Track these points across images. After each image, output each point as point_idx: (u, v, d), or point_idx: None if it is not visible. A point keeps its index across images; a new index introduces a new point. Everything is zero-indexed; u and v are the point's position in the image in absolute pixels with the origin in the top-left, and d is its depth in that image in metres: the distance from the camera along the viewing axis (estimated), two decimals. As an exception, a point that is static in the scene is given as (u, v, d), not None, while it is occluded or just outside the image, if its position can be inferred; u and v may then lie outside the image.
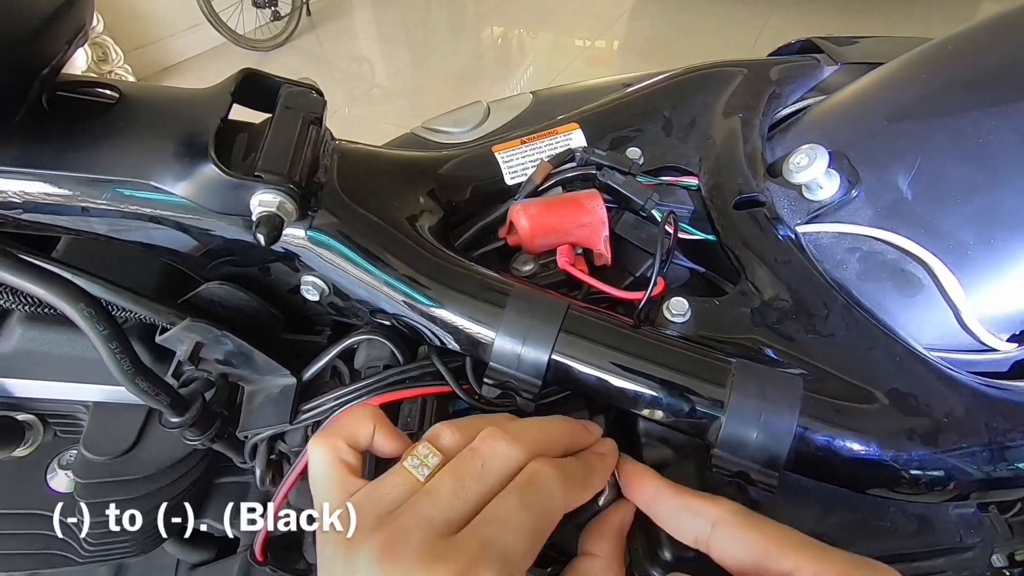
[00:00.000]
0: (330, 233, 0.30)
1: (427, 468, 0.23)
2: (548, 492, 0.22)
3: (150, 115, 0.28)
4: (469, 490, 0.22)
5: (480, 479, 0.22)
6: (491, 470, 0.22)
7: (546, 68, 2.65)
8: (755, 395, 0.25)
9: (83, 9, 0.28)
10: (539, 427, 0.25)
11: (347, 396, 0.33)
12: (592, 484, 0.25)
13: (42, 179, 0.26)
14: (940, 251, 0.31)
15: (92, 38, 2.04)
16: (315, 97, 0.31)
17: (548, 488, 0.22)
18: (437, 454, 0.23)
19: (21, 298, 0.33)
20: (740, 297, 0.31)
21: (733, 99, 0.40)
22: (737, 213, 0.34)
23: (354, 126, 2.28)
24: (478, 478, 0.22)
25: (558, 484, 0.23)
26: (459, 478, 0.22)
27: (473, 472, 0.22)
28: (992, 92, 0.32)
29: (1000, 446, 0.27)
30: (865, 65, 0.44)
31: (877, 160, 0.34)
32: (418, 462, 0.23)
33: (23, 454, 0.44)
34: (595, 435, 0.27)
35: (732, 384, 0.26)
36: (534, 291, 0.29)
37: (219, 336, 0.33)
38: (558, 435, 0.26)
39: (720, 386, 0.26)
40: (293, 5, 2.85)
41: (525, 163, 0.37)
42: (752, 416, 0.25)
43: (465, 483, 0.22)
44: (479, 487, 0.22)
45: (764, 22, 2.70)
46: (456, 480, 0.22)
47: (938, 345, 0.32)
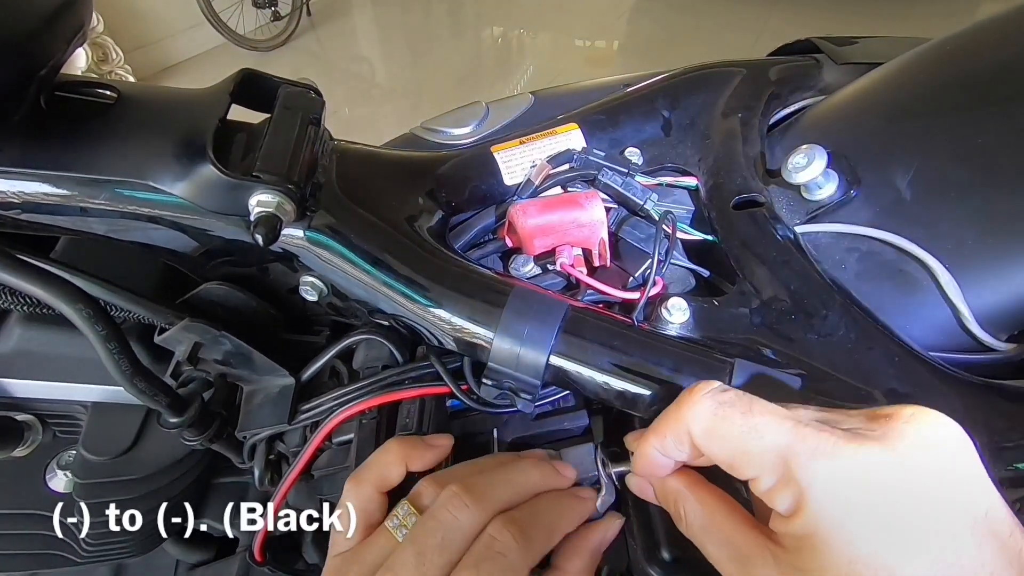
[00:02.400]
0: (329, 233, 0.30)
1: (405, 528, 0.24)
2: (507, 560, 0.22)
3: (149, 115, 0.28)
4: (431, 563, 0.22)
5: (441, 551, 0.23)
6: (452, 540, 0.23)
7: (546, 68, 2.65)
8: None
9: (83, 9, 0.27)
10: (505, 479, 0.26)
11: (346, 396, 0.33)
12: (560, 528, 0.25)
13: (40, 179, 0.26)
14: (939, 251, 0.31)
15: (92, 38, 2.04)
16: (314, 97, 0.31)
17: (508, 555, 0.23)
18: (415, 514, 0.24)
19: (20, 298, 0.33)
20: (739, 297, 0.31)
21: (732, 99, 0.40)
22: (736, 213, 0.34)
23: (354, 126, 2.28)
24: (439, 551, 0.23)
25: (518, 549, 0.23)
26: (420, 552, 0.23)
27: (433, 545, 0.23)
28: (991, 92, 0.32)
29: (999, 446, 0.27)
30: (864, 65, 0.43)
31: (876, 160, 0.34)
32: (397, 522, 0.24)
33: (22, 454, 0.44)
34: (568, 478, 0.28)
35: (731, 384, 0.26)
36: (533, 291, 0.29)
37: (217, 336, 0.33)
38: (526, 484, 0.26)
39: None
40: (293, 5, 2.85)
41: (524, 163, 0.37)
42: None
43: (426, 557, 0.22)
44: (440, 560, 0.22)
45: (764, 22, 2.70)
46: (417, 555, 0.23)
47: (937, 345, 0.32)
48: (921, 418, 0.19)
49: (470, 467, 0.27)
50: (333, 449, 0.36)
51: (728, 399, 0.21)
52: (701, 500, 0.22)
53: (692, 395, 0.21)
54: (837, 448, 0.18)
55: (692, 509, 0.23)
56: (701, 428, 0.21)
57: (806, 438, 0.19)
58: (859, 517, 0.18)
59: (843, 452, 0.18)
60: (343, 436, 0.35)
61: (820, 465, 0.18)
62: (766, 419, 0.20)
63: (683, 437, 0.21)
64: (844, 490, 0.18)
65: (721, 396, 0.21)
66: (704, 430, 0.21)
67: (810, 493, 0.18)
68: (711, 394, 0.21)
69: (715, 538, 0.21)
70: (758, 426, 0.20)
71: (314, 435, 0.33)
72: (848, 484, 0.18)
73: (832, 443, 0.18)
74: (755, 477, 0.20)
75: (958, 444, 0.19)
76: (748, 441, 0.20)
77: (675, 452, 0.23)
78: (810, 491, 0.18)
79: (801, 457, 0.18)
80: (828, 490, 0.18)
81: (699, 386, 0.22)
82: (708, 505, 0.22)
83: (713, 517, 0.22)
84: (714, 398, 0.21)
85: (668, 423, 0.22)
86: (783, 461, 0.19)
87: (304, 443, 0.35)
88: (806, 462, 0.18)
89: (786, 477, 0.19)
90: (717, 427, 0.20)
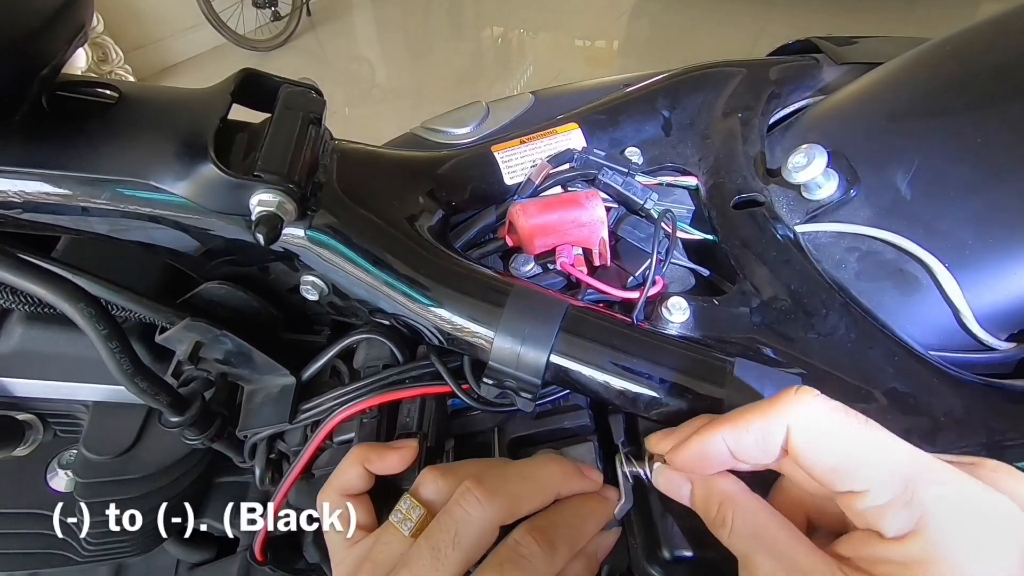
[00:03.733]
0: (329, 233, 0.30)
1: (411, 522, 0.24)
2: (531, 565, 0.22)
3: (150, 115, 0.28)
4: (446, 559, 0.22)
5: (456, 547, 0.23)
6: (466, 535, 0.23)
7: (546, 68, 2.65)
8: (754, 395, 0.25)
9: (83, 9, 0.27)
10: (520, 478, 0.25)
11: (346, 396, 0.33)
12: (586, 532, 0.25)
13: (42, 179, 0.26)
14: (939, 250, 0.31)
15: (92, 38, 2.04)
16: (314, 97, 0.31)
17: (532, 561, 0.22)
18: (418, 507, 0.24)
19: (21, 297, 0.33)
20: (739, 297, 0.31)
21: (732, 99, 0.41)
22: (736, 213, 0.34)
23: (354, 126, 2.28)
24: (453, 546, 0.23)
25: (543, 556, 0.23)
26: (435, 547, 0.23)
27: (447, 541, 0.23)
28: (991, 92, 0.32)
29: (999, 445, 0.27)
30: (864, 65, 0.44)
31: (876, 160, 0.34)
32: (401, 517, 0.24)
33: (23, 454, 0.44)
34: (596, 481, 0.27)
35: (731, 383, 0.26)
36: (533, 291, 0.29)
37: (219, 336, 0.33)
38: (544, 485, 0.26)
39: (719, 386, 0.26)
40: (293, 5, 2.85)
41: (524, 163, 0.37)
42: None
43: (441, 552, 0.22)
44: (457, 555, 0.22)
45: (763, 22, 2.70)
46: (432, 550, 0.23)
47: (937, 344, 0.32)
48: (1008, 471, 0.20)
49: (480, 463, 0.27)
50: (334, 448, 0.36)
51: (840, 406, 0.20)
52: (754, 509, 0.21)
53: (799, 394, 0.20)
54: (960, 478, 0.18)
55: (743, 517, 0.21)
56: (810, 428, 0.19)
57: (929, 463, 0.19)
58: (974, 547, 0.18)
59: (966, 482, 0.18)
60: (344, 435, 0.35)
61: (946, 491, 0.18)
62: (887, 435, 0.19)
63: (775, 435, 0.20)
64: (966, 520, 0.18)
65: (830, 403, 0.20)
66: (813, 431, 0.19)
67: (933, 518, 0.18)
68: (820, 397, 0.20)
69: (769, 550, 0.20)
70: (882, 439, 0.19)
71: (315, 434, 0.33)
72: (968, 514, 0.18)
73: (954, 472, 0.18)
74: (864, 491, 0.19)
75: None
76: (870, 452, 0.19)
77: (751, 450, 0.21)
78: (933, 516, 0.18)
79: (926, 480, 0.18)
80: (952, 517, 0.18)
81: (801, 389, 0.21)
82: (763, 515, 0.21)
83: (767, 528, 0.20)
84: (826, 403, 0.20)
85: (758, 416, 0.21)
86: (904, 481, 0.18)
87: (305, 442, 0.35)
88: (930, 486, 0.18)
89: (905, 498, 0.18)
90: (833, 431, 0.19)
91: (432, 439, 0.31)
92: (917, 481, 0.18)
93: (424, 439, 0.31)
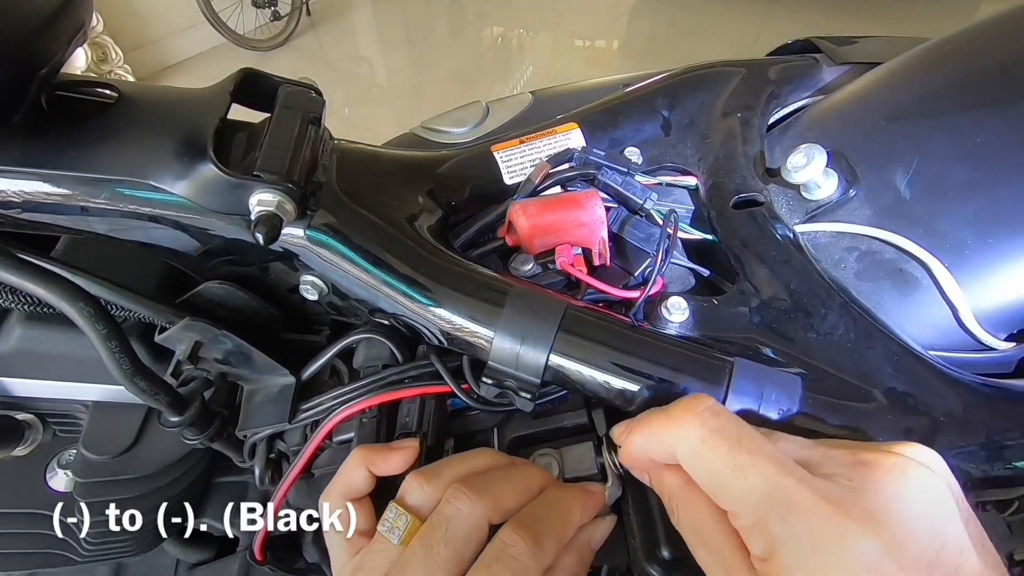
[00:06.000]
0: (329, 232, 0.30)
1: (398, 530, 0.24)
2: (519, 563, 0.23)
3: (149, 115, 0.28)
4: (440, 556, 0.23)
5: (448, 543, 0.23)
6: (456, 530, 0.23)
7: (546, 68, 2.65)
8: (753, 394, 0.25)
9: (83, 9, 0.27)
10: (504, 477, 0.26)
11: (346, 395, 0.33)
12: (571, 523, 0.25)
13: (41, 179, 0.26)
14: (938, 250, 0.31)
15: (92, 38, 2.04)
16: (314, 97, 0.31)
17: (520, 558, 0.23)
18: (404, 514, 0.25)
19: (21, 297, 0.33)
20: (739, 296, 0.31)
21: (732, 99, 0.41)
22: (736, 212, 0.34)
23: (354, 126, 2.28)
24: (445, 542, 0.23)
25: (529, 552, 0.23)
26: (428, 546, 0.23)
27: (439, 538, 0.23)
28: (991, 92, 0.32)
29: (998, 445, 0.27)
30: (864, 65, 0.44)
31: (875, 159, 0.34)
32: (389, 526, 0.25)
33: (22, 453, 0.44)
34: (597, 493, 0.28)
35: (730, 383, 0.26)
36: (533, 291, 0.29)
37: (218, 335, 0.33)
38: (528, 480, 0.26)
39: (719, 385, 0.26)
40: (293, 5, 2.85)
41: (524, 163, 0.37)
42: (750, 415, 0.25)
43: (433, 550, 0.23)
44: (448, 551, 0.23)
45: (763, 22, 2.70)
46: (425, 549, 0.23)
47: (936, 344, 0.32)
48: (901, 470, 0.19)
49: (456, 460, 0.28)
50: (333, 448, 0.36)
51: (718, 426, 0.21)
52: (693, 504, 0.22)
53: (684, 413, 0.22)
54: (815, 508, 0.18)
55: (684, 510, 0.23)
56: (687, 451, 0.21)
57: (787, 490, 0.19)
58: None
59: (819, 514, 0.18)
60: (343, 435, 0.35)
61: (795, 525, 0.18)
62: (752, 459, 0.20)
63: (668, 450, 0.22)
64: (813, 556, 0.18)
65: (712, 422, 0.21)
66: (690, 454, 0.21)
67: (782, 549, 0.18)
68: (702, 416, 0.21)
69: (704, 543, 0.22)
70: (743, 465, 0.20)
71: (315, 434, 0.33)
72: (816, 550, 0.18)
73: (811, 503, 0.18)
74: (732, 513, 0.20)
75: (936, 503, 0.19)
76: (731, 478, 0.20)
77: (659, 457, 0.23)
78: (783, 548, 0.18)
79: (778, 511, 0.19)
80: (799, 551, 0.18)
81: (692, 402, 0.22)
82: (700, 511, 0.22)
83: (703, 523, 0.22)
84: (704, 423, 0.21)
85: (655, 430, 0.23)
86: (760, 509, 0.19)
87: (304, 442, 0.35)
88: (782, 517, 0.19)
89: (762, 524, 0.19)
90: (703, 455, 0.21)
91: (432, 439, 0.31)
92: (769, 512, 0.19)
93: (424, 439, 0.31)
